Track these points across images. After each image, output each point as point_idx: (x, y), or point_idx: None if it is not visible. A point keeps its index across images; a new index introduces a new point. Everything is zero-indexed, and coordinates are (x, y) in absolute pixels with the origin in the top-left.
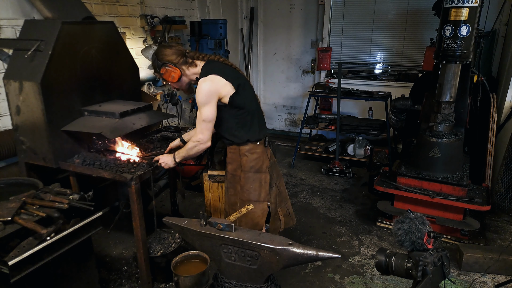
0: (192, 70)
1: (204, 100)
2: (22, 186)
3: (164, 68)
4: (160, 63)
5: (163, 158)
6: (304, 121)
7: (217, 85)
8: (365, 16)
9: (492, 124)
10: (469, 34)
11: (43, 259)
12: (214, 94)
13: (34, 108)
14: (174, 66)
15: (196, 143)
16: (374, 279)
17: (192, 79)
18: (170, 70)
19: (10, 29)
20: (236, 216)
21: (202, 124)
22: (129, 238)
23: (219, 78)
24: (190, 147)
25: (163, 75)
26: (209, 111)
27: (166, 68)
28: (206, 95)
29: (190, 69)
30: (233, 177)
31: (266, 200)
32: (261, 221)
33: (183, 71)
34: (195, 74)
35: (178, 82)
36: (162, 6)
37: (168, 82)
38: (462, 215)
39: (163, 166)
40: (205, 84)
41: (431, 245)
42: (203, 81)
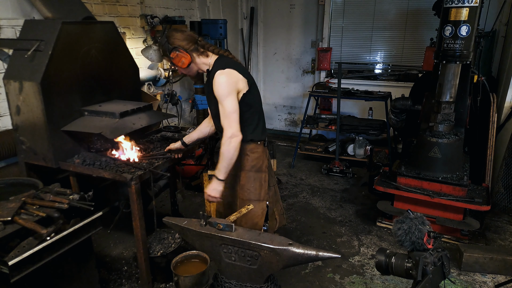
0: (203, 60)
1: (226, 92)
2: (22, 186)
3: (175, 53)
4: (170, 47)
5: (209, 191)
6: (304, 121)
7: (236, 79)
8: (365, 16)
9: (492, 124)
10: (469, 34)
11: (43, 259)
12: (234, 86)
13: (34, 108)
14: (185, 52)
15: (229, 140)
16: (374, 279)
17: (201, 69)
18: (180, 55)
19: (10, 29)
20: (236, 216)
21: (228, 117)
22: (129, 238)
23: (237, 73)
24: (226, 149)
25: (173, 59)
26: (232, 102)
27: (176, 52)
28: (227, 86)
29: (201, 58)
30: (232, 177)
31: (266, 200)
32: (260, 221)
33: (194, 58)
34: (205, 65)
35: (187, 68)
36: (162, 6)
37: (177, 67)
38: (462, 215)
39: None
40: (224, 76)
41: (431, 245)
42: (221, 73)
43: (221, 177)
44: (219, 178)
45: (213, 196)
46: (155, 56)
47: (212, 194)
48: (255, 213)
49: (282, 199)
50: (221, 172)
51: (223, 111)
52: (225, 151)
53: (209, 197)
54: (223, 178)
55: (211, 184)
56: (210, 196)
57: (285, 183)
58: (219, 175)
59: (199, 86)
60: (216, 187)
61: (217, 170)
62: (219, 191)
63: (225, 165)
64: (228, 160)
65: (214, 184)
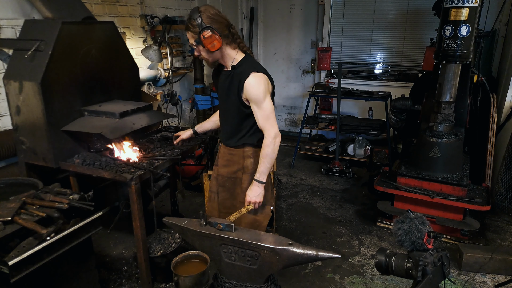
0: (229, 51)
1: (264, 95)
2: (22, 186)
3: (208, 32)
4: (205, 24)
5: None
6: (304, 121)
7: (268, 83)
8: (365, 16)
9: (492, 124)
10: (469, 34)
11: (43, 259)
12: (268, 89)
13: (34, 108)
14: (220, 36)
15: (274, 141)
16: (374, 279)
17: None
18: (214, 36)
19: (10, 29)
20: (236, 216)
21: (269, 118)
22: (129, 238)
23: (267, 78)
24: (271, 149)
25: (204, 39)
26: (270, 103)
27: (211, 32)
28: (264, 89)
29: (229, 48)
30: (230, 180)
31: (269, 204)
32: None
33: (223, 45)
34: (230, 57)
35: (213, 53)
36: (162, 6)
37: (203, 46)
38: (462, 215)
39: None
40: (261, 79)
41: (431, 245)
42: (257, 76)
43: (264, 180)
44: (263, 181)
45: (258, 203)
46: (155, 56)
47: (258, 200)
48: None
49: (282, 199)
50: (265, 174)
51: (263, 113)
52: (271, 152)
53: (255, 204)
54: (265, 181)
55: (254, 189)
56: (256, 203)
57: (285, 183)
58: (263, 178)
59: (199, 86)
60: (261, 191)
61: (259, 174)
62: (263, 195)
63: (268, 167)
64: (272, 161)
65: (258, 189)
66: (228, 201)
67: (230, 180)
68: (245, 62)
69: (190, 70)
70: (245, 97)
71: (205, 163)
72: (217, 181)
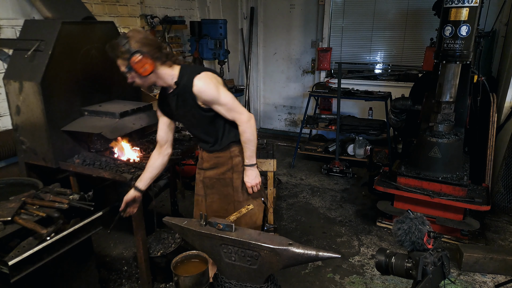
0: (165, 70)
1: (216, 91)
2: (22, 186)
3: (137, 56)
4: (133, 49)
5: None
6: (304, 121)
7: (215, 77)
8: (365, 16)
9: (492, 124)
10: (469, 34)
11: (43, 259)
12: (218, 82)
13: (34, 108)
14: (150, 58)
15: (248, 124)
16: (374, 279)
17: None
18: (144, 60)
19: (10, 29)
20: (236, 216)
21: (234, 108)
22: (129, 238)
23: (212, 73)
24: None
25: (135, 64)
26: (227, 94)
27: (140, 56)
28: (214, 86)
29: (164, 68)
30: (218, 181)
31: (261, 196)
32: (259, 218)
33: (156, 67)
34: (169, 75)
35: (145, 77)
36: (162, 6)
37: (135, 72)
38: (462, 215)
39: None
40: (206, 78)
41: (431, 245)
42: (201, 78)
43: (254, 162)
44: (254, 163)
45: (258, 183)
46: None
47: (257, 181)
48: (253, 212)
49: (282, 199)
50: (253, 157)
51: (226, 107)
52: (250, 135)
53: (256, 186)
54: (255, 162)
55: (249, 174)
56: (256, 185)
57: (285, 183)
58: (252, 161)
59: None
60: (256, 173)
61: (247, 159)
62: (259, 175)
63: (253, 149)
64: (255, 143)
65: (253, 172)
66: (216, 204)
67: (219, 181)
68: (185, 73)
69: None
70: (202, 103)
71: None
72: (203, 184)
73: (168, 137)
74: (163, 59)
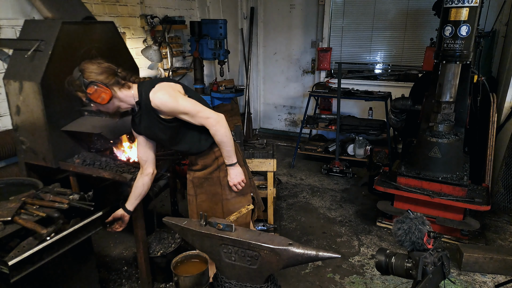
0: (125, 93)
1: (174, 100)
2: (22, 186)
3: (93, 88)
4: (86, 82)
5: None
6: (304, 121)
7: (171, 85)
8: (365, 16)
9: (492, 124)
10: (469, 34)
11: (43, 259)
12: (174, 90)
13: (34, 108)
14: (105, 86)
15: (217, 127)
16: (374, 279)
17: (127, 102)
18: (100, 90)
19: (10, 29)
20: (236, 216)
21: (198, 113)
22: (129, 238)
23: (165, 83)
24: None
25: (91, 95)
26: (186, 101)
27: (95, 87)
28: (169, 95)
29: (123, 91)
30: (206, 180)
31: (249, 192)
32: (249, 213)
33: (115, 92)
34: (129, 97)
35: (106, 104)
36: (162, 6)
37: (94, 103)
38: (462, 215)
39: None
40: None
41: (431, 245)
42: (155, 91)
43: (234, 161)
44: (233, 163)
45: (242, 181)
46: (155, 56)
47: (239, 179)
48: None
49: (282, 199)
50: (231, 157)
51: (189, 114)
52: (222, 137)
53: (239, 184)
54: (235, 161)
55: (231, 173)
56: (240, 183)
57: (285, 183)
58: (231, 160)
59: (199, 86)
60: (238, 171)
61: (227, 159)
62: (241, 173)
63: (230, 149)
64: (230, 143)
65: (234, 171)
66: (205, 204)
67: (207, 180)
68: (142, 90)
69: (190, 70)
70: (164, 116)
71: None
72: (193, 184)
73: (148, 156)
74: (120, 83)
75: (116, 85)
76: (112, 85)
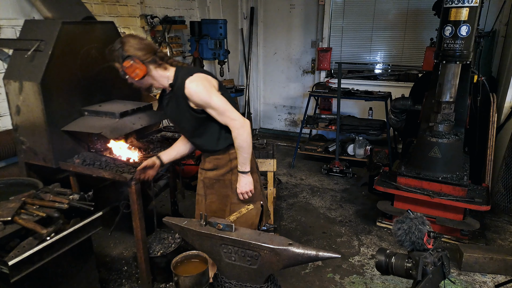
0: (161, 73)
1: (207, 94)
2: (22, 186)
3: (129, 62)
4: (125, 55)
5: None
6: (304, 121)
7: (208, 79)
8: (365, 16)
9: (492, 124)
10: (469, 34)
11: (43, 259)
12: (210, 85)
13: (34, 108)
14: (141, 62)
15: (241, 130)
16: (374, 279)
17: (160, 83)
18: (135, 65)
19: (10, 29)
20: (236, 216)
21: (226, 112)
22: (129, 238)
23: (205, 75)
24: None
25: (126, 68)
26: (219, 97)
27: (131, 62)
28: (205, 88)
29: (158, 70)
30: (218, 182)
31: (260, 200)
32: (256, 220)
33: (150, 70)
34: (165, 78)
35: (140, 80)
36: (162, 6)
37: (129, 76)
38: (462, 215)
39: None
40: (198, 81)
41: (431, 245)
42: (192, 80)
43: (247, 169)
44: (246, 171)
45: (249, 191)
46: None
47: (247, 189)
48: (250, 213)
49: (282, 199)
50: (246, 164)
51: (217, 111)
52: (242, 142)
53: (246, 193)
54: (248, 169)
55: (241, 180)
56: (247, 193)
57: (285, 183)
58: (244, 168)
59: None
60: (248, 180)
61: (240, 165)
62: (252, 182)
63: (246, 156)
64: (248, 150)
65: (244, 179)
66: (214, 205)
67: (218, 182)
68: (179, 75)
69: None
70: (194, 105)
71: None
72: (203, 184)
73: None
74: (157, 63)
75: (152, 64)
76: (148, 63)
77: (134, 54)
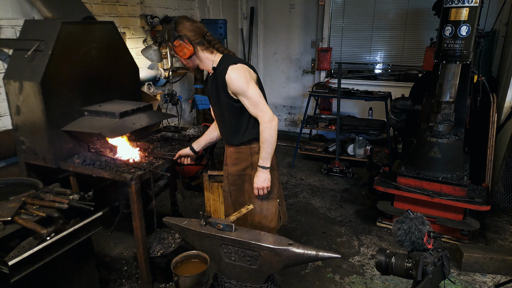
0: (206, 55)
1: (246, 83)
2: (22, 186)
3: (179, 41)
4: (176, 34)
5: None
6: (304, 121)
7: (249, 71)
8: (365, 16)
9: (492, 124)
10: (469, 34)
11: (43, 259)
12: (250, 77)
13: (34, 108)
14: (189, 43)
15: (269, 125)
16: (374, 279)
17: (204, 65)
18: (184, 45)
19: (10, 29)
20: (236, 216)
21: (259, 104)
22: (129, 238)
23: (248, 68)
24: (268, 134)
25: (176, 47)
26: (256, 89)
27: (180, 41)
28: (245, 78)
29: (205, 53)
30: (239, 178)
31: (277, 198)
32: (274, 219)
33: (197, 51)
34: (209, 61)
35: (188, 59)
36: (162, 6)
37: (177, 55)
38: (462, 215)
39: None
40: (240, 70)
41: (431, 245)
42: (235, 68)
43: (268, 165)
44: (266, 166)
45: (266, 187)
46: (155, 56)
47: (265, 185)
48: (269, 211)
49: None
50: (268, 159)
51: (251, 102)
52: (268, 136)
53: (262, 190)
54: (269, 165)
55: (259, 176)
56: (263, 189)
57: (285, 183)
58: (266, 163)
59: (199, 86)
60: (266, 176)
61: (261, 160)
62: (270, 180)
63: (269, 152)
64: (273, 145)
65: (263, 175)
66: (241, 198)
67: (240, 177)
68: (224, 61)
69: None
70: (231, 92)
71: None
72: (228, 181)
73: None
74: (205, 45)
75: (200, 45)
76: (196, 44)
77: (184, 34)
